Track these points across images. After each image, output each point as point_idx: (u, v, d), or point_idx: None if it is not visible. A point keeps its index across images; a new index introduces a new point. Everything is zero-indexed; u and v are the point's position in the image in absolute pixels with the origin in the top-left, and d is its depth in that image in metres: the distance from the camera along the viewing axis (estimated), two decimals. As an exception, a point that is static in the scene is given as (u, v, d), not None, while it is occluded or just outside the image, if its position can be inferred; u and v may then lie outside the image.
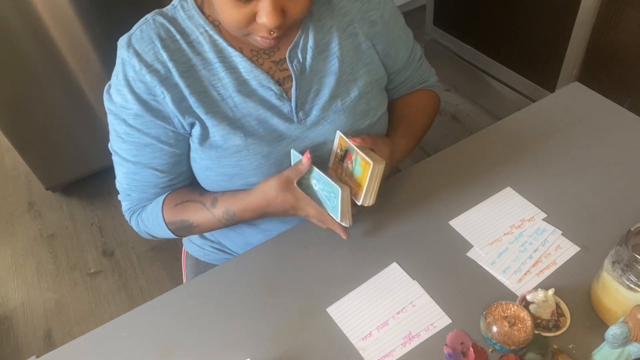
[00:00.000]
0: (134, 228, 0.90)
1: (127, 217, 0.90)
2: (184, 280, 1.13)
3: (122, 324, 0.78)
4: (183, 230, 0.85)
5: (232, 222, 0.83)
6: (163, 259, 1.88)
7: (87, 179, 2.15)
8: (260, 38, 0.70)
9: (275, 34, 0.69)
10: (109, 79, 0.79)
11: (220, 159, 0.79)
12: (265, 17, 0.65)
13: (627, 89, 1.64)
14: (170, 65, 0.74)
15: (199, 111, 0.77)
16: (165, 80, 0.74)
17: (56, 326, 1.72)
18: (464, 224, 0.84)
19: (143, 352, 0.74)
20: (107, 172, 2.14)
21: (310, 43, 0.80)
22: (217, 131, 0.78)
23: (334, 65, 0.81)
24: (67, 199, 2.16)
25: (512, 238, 0.81)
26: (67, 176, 2.10)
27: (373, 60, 0.86)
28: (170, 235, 0.86)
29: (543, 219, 0.83)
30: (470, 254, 0.80)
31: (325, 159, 0.84)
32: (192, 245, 1.06)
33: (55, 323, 1.73)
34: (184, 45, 0.75)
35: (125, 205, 0.88)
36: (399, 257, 0.80)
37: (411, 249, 0.81)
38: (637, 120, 0.98)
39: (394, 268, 0.79)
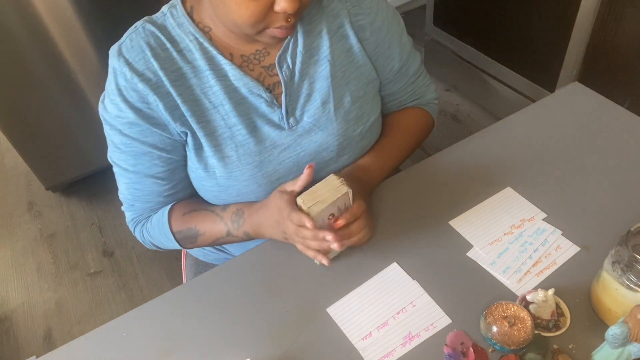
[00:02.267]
0: (139, 239, 0.89)
1: (131, 228, 0.89)
2: (184, 280, 1.13)
3: (122, 324, 0.77)
4: (188, 239, 0.84)
5: (238, 226, 0.81)
6: (163, 259, 1.88)
7: (87, 179, 2.15)
8: (277, 29, 0.70)
9: (291, 21, 0.69)
10: None
11: (214, 169, 0.79)
12: (284, 2, 0.66)
13: (627, 89, 1.64)
14: (161, 74, 0.74)
15: (191, 120, 0.76)
16: (157, 89, 0.74)
17: (56, 326, 1.72)
18: (464, 224, 0.84)
19: (143, 352, 0.74)
20: (107, 172, 2.14)
21: (300, 47, 0.79)
22: (208, 141, 0.77)
23: (325, 69, 0.80)
24: (67, 199, 2.16)
25: (512, 238, 0.81)
26: (67, 176, 2.10)
27: (365, 62, 0.84)
28: (176, 245, 0.86)
29: (543, 219, 0.83)
30: (470, 254, 0.80)
31: (320, 168, 0.84)
32: (192, 245, 1.06)
33: (55, 323, 1.73)
34: (174, 54, 0.75)
35: (129, 216, 0.88)
36: (399, 257, 0.80)
37: (411, 249, 0.81)
38: (637, 120, 0.98)
39: (394, 268, 0.79)
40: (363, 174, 0.85)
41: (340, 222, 0.74)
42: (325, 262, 0.73)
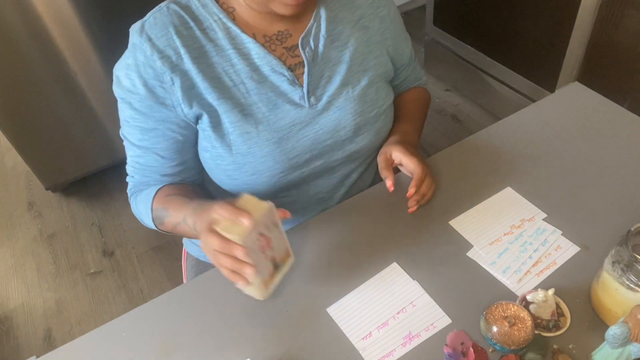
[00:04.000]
0: (132, 209, 0.90)
1: (129, 197, 0.91)
2: (184, 280, 1.13)
3: (122, 324, 0.77)
4: (158, 219, 0.83)
5: (193, 213, 0.76)
6: (163, 259, 1.88)
7: (87, 179, 2.15)
8: (288, 1, 0.72)
9: None
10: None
11: (232, 146, 0.80)
12: None
13: (627, 89, 1.64)
14: (182, 51, 0.75)
15: (211, 97, 0.77)
16: (176, 67, 0.75)
17: (56, 326, 1.72)
18: (464, 224, 0.84)
19: (143, 352, 0.73)
20: (107, 172, 2.14)
21: (323, 32, 0.82)
22: (228, 117, 0.78)
23: (345, 54, 0.84)
24: (67, 199, 2.16)
25: (512, 238, 0.81)
26: (67, 176, 2.10)
27: (382, 53, 0.89)
28: (151, 223, 0.84)
29: (543, 219, 0.83)
30: (470, 254, 0.80)
31: (336, 147, 0.86)
32: (192, 246, 1.06)
33: (55, 323, 1.73)
34: (198, 32, 0.77)
35: (128, 186, 0.90)
36: (399, 257, 0.80)
37: (411, 249, 0.81)
38: (637, 120, 0.98)
39: (394, 268, 0.79)
40: (408, 137, 0.92)
41: (411, 190, 0.83)
42: (242, 285, 0.65)
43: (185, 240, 1.09)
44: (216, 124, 0.79)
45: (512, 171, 0.91)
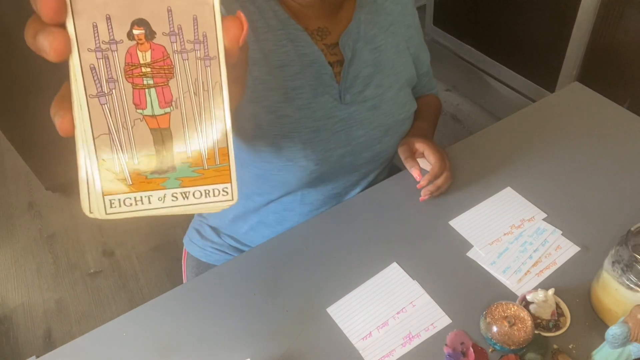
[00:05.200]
0: None
1: None
2: (184, 281, 1.13)
3: (122, 324, 0.77)
4: None
5: None
6: (163, 259, 1.88)
7: (87, 179, 2.14)
8: None
9: None
10: None
11: (270, 127, 0.79)
12: None
13: (627, 89, 1.64)
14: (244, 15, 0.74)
15: (262, 71, 0.77)
16: None
17: (56, 326, 1.72)
18: (464, 224, 0.84)
19: (143, 352, 0.73)
20: (107, 172, 2.14)
21: (361, 33, 0.84)
22: (272, 96, 0.78)
23: (378, 58, 0.85)
24: (67, 199, 2.16)
25: (512, 238, 0.81)
26: (67, 176, 2.10)
27: (408, 60, 0.91)
28: None
29: (543, 219, 0.83)
30: (470, 254, 0.80)
31: (365, 147, 0.87)
32: (192, 246, 1.06)
33: (55, 323, 1.73)
34: (252, 7, 0.76)
35: None
36: (399, 257, 0.80)
37: (411, 249, 0.81)
38: (637, 120, 0.98)
39: (394, 268, 0.79)
40: (425, 133, 0.94)
41: (423, 182, 0.84)
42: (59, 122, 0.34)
43: (185, 240, 1.09)
44: (259, 98, 0.78)
45: (512, 171, 0.91)
